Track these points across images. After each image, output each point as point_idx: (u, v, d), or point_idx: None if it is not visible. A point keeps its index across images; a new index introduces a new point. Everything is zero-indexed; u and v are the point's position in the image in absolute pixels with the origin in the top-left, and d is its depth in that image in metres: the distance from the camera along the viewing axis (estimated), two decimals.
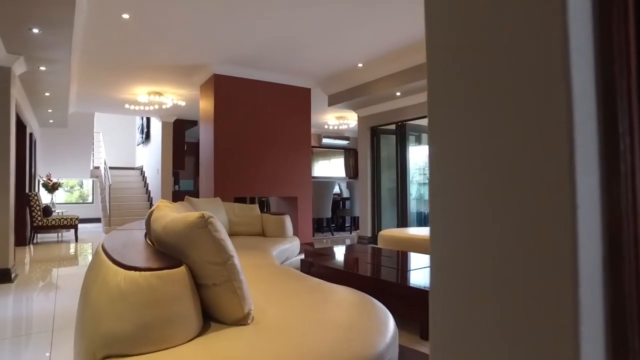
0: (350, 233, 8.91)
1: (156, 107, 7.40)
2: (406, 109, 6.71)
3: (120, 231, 2.50)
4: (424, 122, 7.16)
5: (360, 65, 5.68)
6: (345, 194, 11.09)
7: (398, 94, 6.17)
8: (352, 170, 12.57)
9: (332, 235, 8.53)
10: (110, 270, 1.39)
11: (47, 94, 5.86)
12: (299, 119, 6.42)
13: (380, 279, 2.69)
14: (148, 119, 10.51)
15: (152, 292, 1.27)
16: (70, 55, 4.39)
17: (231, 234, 4.56)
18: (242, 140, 5.83)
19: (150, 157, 10.47)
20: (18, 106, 5.74)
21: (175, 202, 8.12)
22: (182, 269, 1.40)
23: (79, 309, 1.55)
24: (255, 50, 5.09)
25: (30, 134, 7.62)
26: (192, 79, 6.14)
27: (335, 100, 6.91)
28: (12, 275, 4.23)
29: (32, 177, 7.98)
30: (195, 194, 10.11)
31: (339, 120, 9.65)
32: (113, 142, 11.88)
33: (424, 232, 5.02)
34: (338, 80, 6.42)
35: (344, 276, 3.02)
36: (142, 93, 6.89)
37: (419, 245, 4.66)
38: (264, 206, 8.44)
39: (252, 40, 4.73)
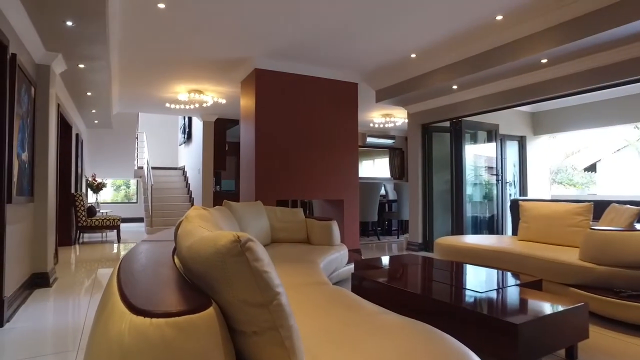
0: (398, 237, 8.38)
1: (196, 105, 7.21)
2: (463, 104, 6.11)
3: (149, 242, 2.17)
4: (481, 118, 6.52)
5: (413, 55, 5.16)
6: (392, 196, 10.56)
7: (454, 87, 5.59)
8: (398, 171, 11.98)
9: (379, 239, 8.04)
10: (115, 310, 1.02)
11: (89, 93, 5.77)
12: (345, 116, 5.99)
13: (460, 306, 2.21)
14: (190, 119, 10.44)
15: (166, 352, 0.88)
16: (108, 51, 4.19)
17: (273, 241, 4.21)
18: (285, 140, 5.47)
19: (191, 157, 10.41)
20: (62, 106, 5.69)
21: (215, 203, 7.98)
22: (211, 312, 1.00)
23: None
24: (298, 42, 4.71)
25: (77, 135, 7.67)
26: (232, 74, 5.86)
27: (383, 95, 6.42)
28: (51, 280, 4.08)
29: (79, 177, 8.04)
30: (236, 194, 9.94)
31: (385, 118, 9.13)
32: (156, 142, 11.97)
33: (486, 240, 4.45)
34: (387, 73, 5.93)
35: (407, 298, 2.56)
36: (182, 91, 6.71)
37: (483, 257, 4.11)
38: (307, 209, 8.08)
39: (295, 31, 4.35)
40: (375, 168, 11.87)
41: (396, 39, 4.63)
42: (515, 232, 6.20)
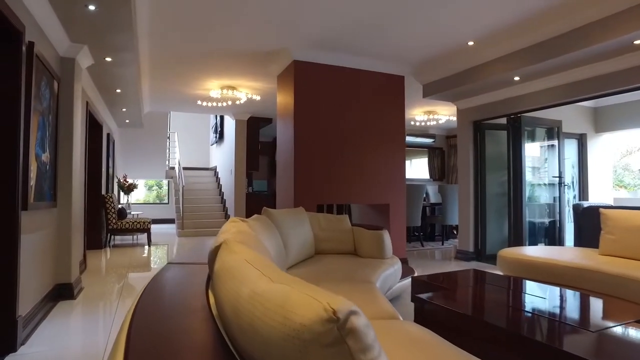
0: (442, 244, 7.76)
1: (229, 103, 6.84)
2: (522, 98, 5.46)
3: (177, 266, 1.73)
4: (540, 114, 5.82)
5: (470, 43, 4.57)
6: (433, 199, 9.91)
7: (516, 78, 4.96)
8: (438, 172, 11.31)
9: (422, 246, 7.44)
10: None
11: (118, 90, 5.47)
12: (391, 112, 5.45)
13: (577, 357, 1.65)
14: (222, 118, 10.14)
15: None
16: (136, 41, 3.83)
17: (317, 252, 3.73)
18: (326, 138, 4.99)
19: (223, 157, 10.10)
20: (91, 105, 5.41)
21: (248, 205, 7.53)
22: None
23: None
24: (341, 30, 4.22)
25: (108, 134, 7.45)
26: (269, 67, 5.42)
27: (432, 90, 5.84)
28: (75, 291, 3.75)
29: (110, 178, 7.84)
30: (269, 196, 9.57)
31: (427, 115, 8.51)
32: (187, 142, 11.76)
33: (561, 254, 3.81)
34: (438, 65, 5.35)
35: (494, 333, 2.02)
36: (214, 88, 6.34)
37: (561, 276, 3.49)
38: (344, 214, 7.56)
39: (336, 17, 3.86)
40: (413, 169, 11.23)
41: (452, 24, 4.06)
42: (579, 241, 5.49)
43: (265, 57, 5.03)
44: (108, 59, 4.19)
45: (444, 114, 8.67)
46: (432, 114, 8.52)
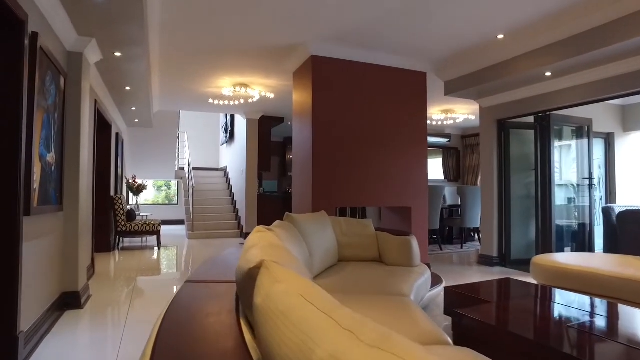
0: (461, 247, 7.46)
1: (241, 101, 6.61)
2: (552, 95, 5.16)
3: (195, 285, 1.48)
4: (571, 111, 5.50)
5: (500, 36, 4.29)
6: (450, 201, 9.63)
7: (548, 74, 4.66)
8: (453, 173, 11.00)
9: (441, 249, 7.16)
10: None
11: (127, 88, 5.26)
12: (413, 111, 5.17)
13: None
14: (232, 117, 9.92)
15: None
16: (146, 34, 3.60)
17: (340, 260, 3.47)
18: (346, 138, 4.73)
19: (234, 158, 9.88)
20: (100, 103, 5.21)
21: (260, 206, 7.28)
22: None
23: None
24: (362, 24, 3.96)
25: (117, 134, 7.26)
26: (284, 64, 5.18)
27: (454, 87, 5.56)
28: (83, 299, 3.53)
29: (119, 179, 7.65)
30: (280, 197, 9.33)
31: (445, 114, 8.21)
32: (196, 142, 11.56)
33: (605, 263, 3.51)
34: (463, 60, 5.07)
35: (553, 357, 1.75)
36: (227, 85, 6.11)
37: (607, 288, 3.20)
38: (357, 218, 7.29)
39: (359, 11, 3.60)
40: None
41: (481, 16, 3.79)
42: (613, 247, 5.19)
43: (281, 52, 4.79)
44: (117, 54, 3.97)
45: (462, 112, 8.37)
46: (449, 113, 8.23)
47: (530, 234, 5.85)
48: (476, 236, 8.46)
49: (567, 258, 3.78)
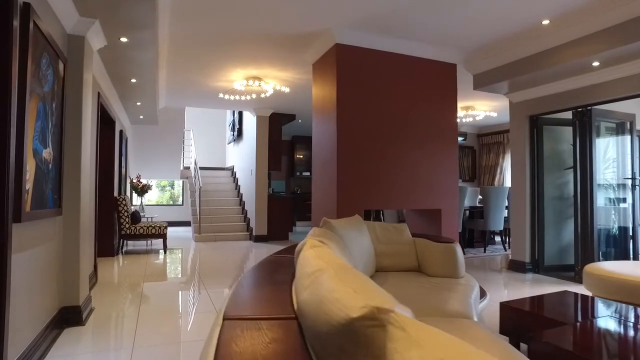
0: (484, 251, 7.05)
1: (253, 96, 6.21)
2: (593, 88, 4.74)
3: (240, 330, 1.06)
4: (611, 106, 5.07)
5: (545, 22, 3.87)
6: (468, 202, 9.20)
7: (595, 64, 4.24)
8: (469, 173, 10.59)
9: (464, 254, 6.72)
10: None
11: (133, 80, 4.86)
12: (443, 106, 4.76)
13: None
14: (240, 114, 9.52)
15: None
16: (156, 15, 3.20)
17: (377, 270, 3.06)
18: (372, 135, 4.32)
19: (242, 157, 9.48)
20: (104, 97, 4.81)
21: (271, 208, 6.90)
22: None
23: None
24: (393, 6, 3.55)
25: (121, 131, 6.87)
26: (303, 54, 4.77)
27: (484, 80, 5.15)
28: (84, 314, 3.13)
29: (122, 179, 7.25)
30: (290, 197, 8.92)
31: (465, 111, 7.80)
32: (202, 140, 11.16)
33: None
34: (495, 50, 4.66)
35: None
36: (238, 78, 5.70)
37: None
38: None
39: None
40: None
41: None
42: None
43: (300, 40, 4.38)
44: (123, 40, 3.56)
45: (483, 109, 7.97)
46: (469, 110, 7.81)
47: (564, 238, 5.44)
48: (498, 239, 8.04)
49: (625, 267, 3.36)
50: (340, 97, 4.17)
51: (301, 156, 11.74)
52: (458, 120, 8.13)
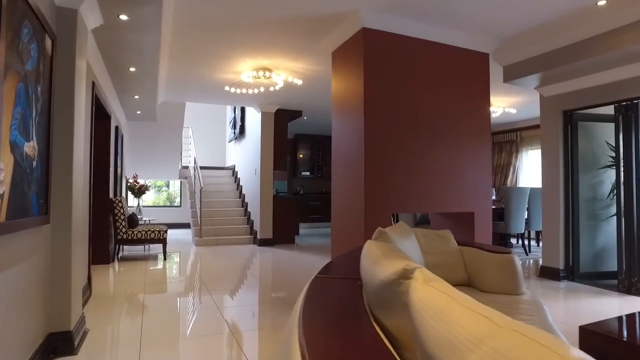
0: None
1: (261, 89, 5.73)
2: (637, 80, 4.32)
3: None
4: None
5: (601, 2, 3.44)
6: None
7: None
8: None
9: None
10: None
11: (132, 69, 4.37)
12: (475, 99, 4.32)
13: None
14: (242, 111, 9.03)
15: None
16: None
17: None
18: (401, 131, 3.87)
19: (245, 155, 8.99)
20: (99, 87, 4.31)
21: (277, 210, 6.42)
22: None
23: None
24: None
25: (117, 127, 6.36)
26: (321, 41, 4.31)
27: (516, 72, 4.73)
28: (77, 340, 2.64)
29: (118, 179, 6.75)
30: (295, 198, 8.45)
31: None
32: (201, 138, 10.65)
33: None
34: (531, 38, 4.22)
35: None
36: (247, 69, 5.23)
37: None
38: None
39: None
40: None
41: None
42: None
43: (319, 25, 3.91)
44: (123, 17, 3.08)
45: (500, 105, 7.55)
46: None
47: (599, 242, 5.03)
48: (518, 242, 7.63)
49: None
50: (367, 89, 3.71)
51: (303, 155, 11.28)
52: None
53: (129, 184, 7.34)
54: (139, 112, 6.74)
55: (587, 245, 5.02)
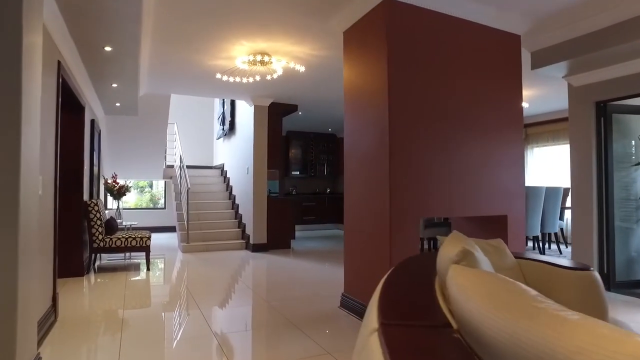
0: None
1: (257, 78, 5.12)
2: None
3: None
4: None
5: None
6: None
7: None
8: None
9: None
10: None
11: (107, 48, 3.70)
12: (506, 87, 3.79)
13: None
14: (232, 105, 8.37)
15: None
16: None
17: None
18: (430, 125, 3.31)
19: (235, 153, 8.34)
20: (67, 70, 3.65)
21: (272, 212, 5.31)
22: None
23: None
24: None
25: (93, 121, 5.66)
26: (328, 19, 3.71)
27: (544, 59, 4.24)
28: None
29: (95, 179, 6.04)
30: (291, 200, 7.84)
31: None
32: (186, 136, 9.93)
33: None
34: (569, 19, 3.71)
35: None
36: (242, 54, 4.60)
37: None
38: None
39: None
40: None
41: None
42: None
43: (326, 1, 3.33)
44: None
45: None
46: None
47: (632, 247, 4.57)
48: (532, 245, 7.17)
49: None
50: (392, 74, 3.13)
51: (294, 154, 10.68)
52: None
53: (107, 185, 6.62)
54: (118, 104, 6.05)
55: (621, 251, 4.55)
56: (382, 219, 3.13)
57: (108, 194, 6.94)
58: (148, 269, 5.34)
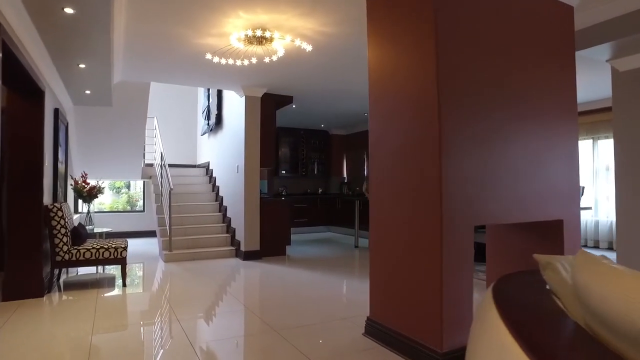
0: None
1: (254, 61, 4.38)
2: None
3: None
4: None
5: None
6: None
7: None
8: None
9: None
10: None
11: (68, 9, 2.89)
12: (559, 67, 3.17)
13: None
14: (219, 97, 7.57)
15: None
16: None
17: None
18: (482, 117, 2.65)
19: (223, 150, 7.55)
20: (14, 39, 2.84)
21: (266, 216, 3.55)
22: None
23: None
24: None
25: (56, 111, 4.81)
26: None
27: (589, 39, 3.66)
28: None
29: (60, 179, 5.19)
30: (286, 201, 7.10)
31: None
32: (166, 131, 9.06)
33: None
34: None
35: None
36: (237, 29, 3.85)
37: None
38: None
39: None
40: None
41: None
42: None
43: None
44: None
45: None
46: None
47: None
48: None
49: None
50: (442, 50, 2.45)
51: (284, 152, 9.94)
52: None
53: (76, 186, 5.75)
54: (88, 91, 5.20)
55: None
56: (428, 229, 2.45)
57: (78, 197, 6.06)
58: (124, 285, 4.52)
